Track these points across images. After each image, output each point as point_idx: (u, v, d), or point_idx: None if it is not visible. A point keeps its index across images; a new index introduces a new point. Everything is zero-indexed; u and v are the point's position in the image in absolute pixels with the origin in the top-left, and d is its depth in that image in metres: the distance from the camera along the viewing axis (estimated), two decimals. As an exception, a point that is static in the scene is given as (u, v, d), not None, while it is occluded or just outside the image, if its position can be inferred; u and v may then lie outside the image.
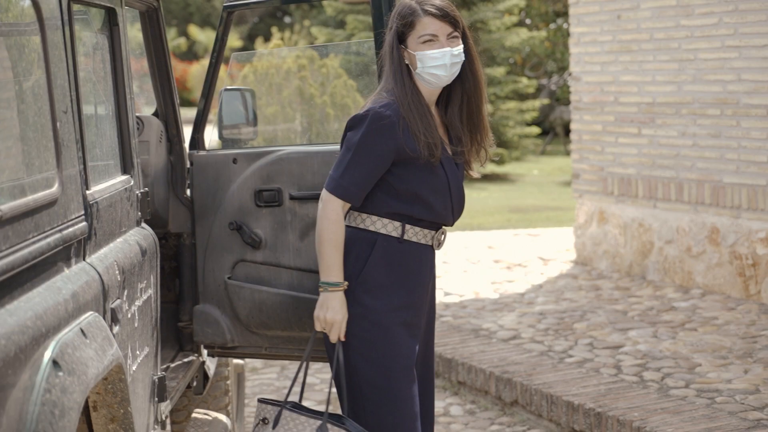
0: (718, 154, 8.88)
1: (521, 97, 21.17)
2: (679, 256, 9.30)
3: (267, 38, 37.88)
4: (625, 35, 9.81)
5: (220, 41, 5.28)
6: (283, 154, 5.04)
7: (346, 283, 4.06)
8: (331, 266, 4.04)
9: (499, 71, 19.71)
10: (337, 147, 4.96)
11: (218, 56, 5.31)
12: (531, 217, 14.40)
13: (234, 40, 39.36)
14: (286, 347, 5.12)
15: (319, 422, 4.04)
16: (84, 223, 3.41)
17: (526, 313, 8.50)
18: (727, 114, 8.80)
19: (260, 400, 4.16)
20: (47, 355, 2.82)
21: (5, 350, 2.58)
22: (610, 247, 10.08)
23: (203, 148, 5.33)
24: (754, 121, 8.56)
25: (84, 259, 3.45)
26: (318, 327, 4.08)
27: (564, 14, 23.04)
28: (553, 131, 24.43)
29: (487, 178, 19.04)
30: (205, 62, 30.85)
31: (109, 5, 4.07)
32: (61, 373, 2.84)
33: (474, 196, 16.54)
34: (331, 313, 4.05)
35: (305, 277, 5.00)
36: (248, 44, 41.14)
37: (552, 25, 24.37)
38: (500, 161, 19.25)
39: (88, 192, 3.53)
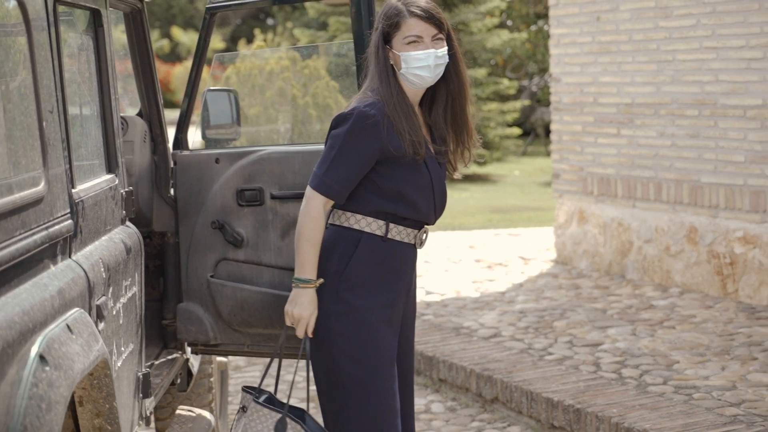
0: (696, 154, 8.94)
1: (502, 98, 21.24)
2: (658, 255, 9.36)
3: (250, 40, 37.89)
4: (604, 36, 9.86)
5: (203, 42, 5.31)
6: (264, 154, 5.09)
7: (320, 280, 4.09)
8: (305, 263, 4.07)
9: (480, 72, 19.77)
10: (317, 147, 5.01)
11: (201, 57, 5.34)
12: (512, 217, 14.46)
13: (217, 42, 39.37)
14: (268, 345, 5.16)
15: (279, 416, 4.10)
16: (70, 221, 3.46)
17: (507, 311, 8.54)
18: (705, 114, 8.85)
19: (243, 389, 4.22)
20: (34, 350, 2.86)
21: (-8, 346, 2.62)
22: (590, 246, 10.13)
23: (186, 148, 5.37)
24: (731, 121, 8.62)
25: (70, 257, 3.49)
26: (288, 322, 4.12)
27: (545, 16, 23.11)
28: (534, 132, 24.50)
29: (469, 178, 19.10)
30: (188, 64, 30.87)
31: (93, 6, 4.11)
32: (47, 368, 2.88)
33: (455, 196, 16.59)
34: (299, 309, 4.08)
35: (286, 276, 5.03)
36: (231, 46, 41.15)
37: (533, 27, 24.45)
38: (481, 162, 19.30)
39: (73, 191, 3.57)
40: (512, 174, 20.04)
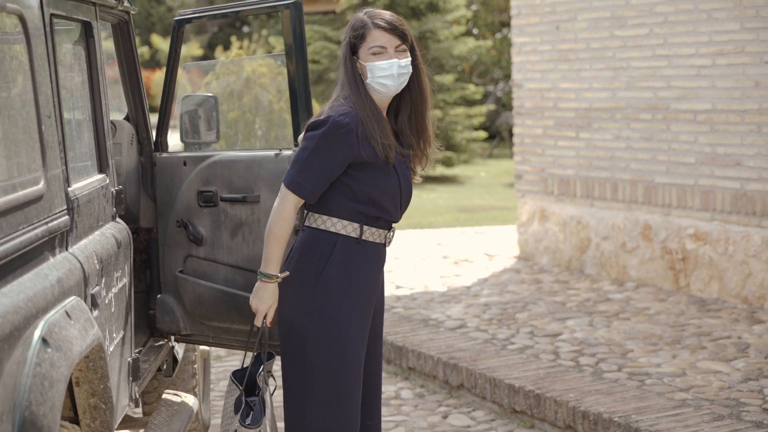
0: (650, 156, 9.05)
1: (469, 103, 21.23)
2: (615, 252, 9.48)
3: (227, 47, 37.85)
4: (563, 45, 9.95)
5: (174, 52, 5.46)
6: (217, 159, 5.21)
7: (285, 273, 4.17)
8: (271, 259, 4.15)
9: (447, 78, 19.80)
10: (258, 153, 5.12)
11: (173, 65, 5.48)
12: (478, 216, 14.47)
13: (195, 49, 39.31)
14: (226, 337, 5.29)
15: (239, 393, 4.27)
16: (66, 217, 3.60)
17: (472, 304, 8.63)
18: (658, 118, 8.97)
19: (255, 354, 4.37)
20: (37, 333, 3.01)
21: (2, 328, 2.77)
22: (551, 243, 10.23)
23: (165, 150, 5.52)
24: (682, 125, 8.73)
25: (67, 249, 3.63)
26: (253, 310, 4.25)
27: (509, 24, 23.16)
28: (500, 135, 24.52)
29: (437, 179, 19.15)
30: (167, 70, 30.78)
31: (85, 19, 4.24)
32: (49, 350, 3.03)
33: (424, 196, 16.65)
34: (257, 301, 4.18)
35: (237, 274, 5.15)
36: (209, 53, 41.06)
37: (498, 35, 24.46)
38: (449, 164, 19.33)
39: (69, 189, 3.71)
40: (478, 175, 20.04)
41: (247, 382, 4.33)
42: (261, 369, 4.32)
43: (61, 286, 3.32)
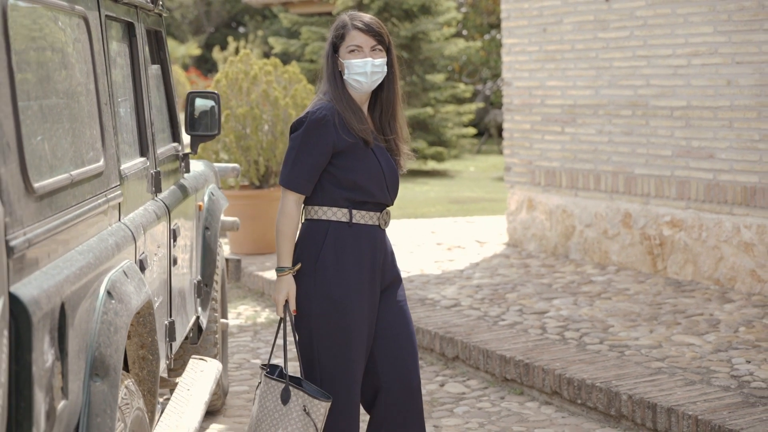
0: (630, 149, 9.30)
1: (459, 101, 21.41)
2: (597, 238, 9.73)
3: (224, 47, 38.07)
4: (550, 46, 10.18)
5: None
6: None
7: (297, 266, 4.39)
8: (282, 254, 4.38)
9: (438, 77, 20.02)
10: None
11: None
12: (468, 207, 14.62)
13: (193, 48, 39.51)
14: None
15: (283, 385, 4.38)
16: (120, 191, 3.99)
17: (465, 286, 8.87)
18: (637, 114, 9.22)
19: (260, 366, 4.49)
20: (103, 287, 3.39)
21: (79, 280, 3.17)
22: (538, 230, 10.45)
23: None
24: (660, 120, 8.99)
25: (119, 220, 4.01)
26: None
27: (497, 26, 23.30)
28: (488, 132, 24.71)
29: (429, 173, 19.36)
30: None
31: (129, 20, 4.62)
32: (113, 301, 3.41)
33: (417, 189, 16.84)
34: (275, 293, 4.41)
35: None
36: (206, 52, 41.23)
37: (486, 36, 24.65)
38: (440, 159, 19.56)
39: (121, 168, 4.11)
40: (468, 170, 20.19)
41: (278, 374, 4.44)
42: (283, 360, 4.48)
43: (118, 249, 3.69)
